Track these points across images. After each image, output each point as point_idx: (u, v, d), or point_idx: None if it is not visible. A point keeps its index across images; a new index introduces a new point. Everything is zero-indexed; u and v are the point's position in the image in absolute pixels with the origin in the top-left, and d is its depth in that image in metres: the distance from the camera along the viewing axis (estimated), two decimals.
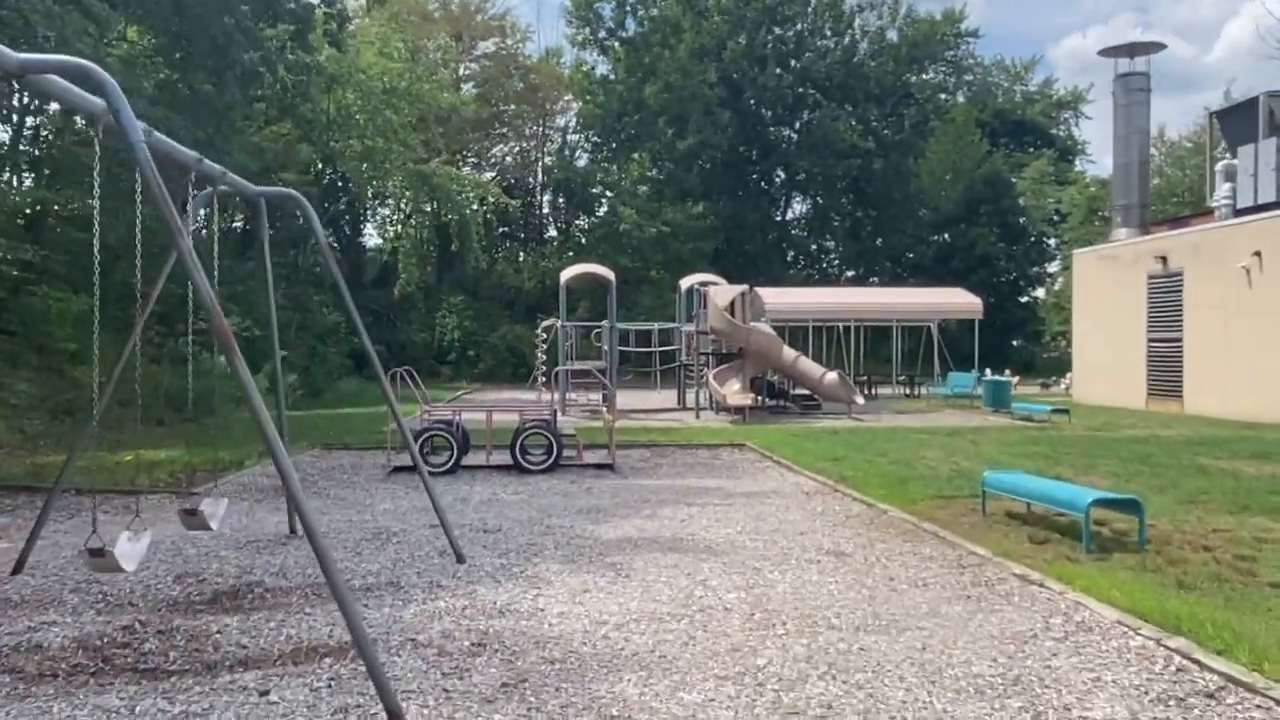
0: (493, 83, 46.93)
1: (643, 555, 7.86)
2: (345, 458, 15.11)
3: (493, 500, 10.85)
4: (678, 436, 17.60)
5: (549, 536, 8.65)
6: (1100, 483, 11.76)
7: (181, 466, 13.39)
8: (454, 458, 13.23)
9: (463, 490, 11.62)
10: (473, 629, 5.74)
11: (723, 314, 21.88)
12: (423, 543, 8.31)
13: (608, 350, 24.04)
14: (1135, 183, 28.58)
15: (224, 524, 8.21)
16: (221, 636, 5.61)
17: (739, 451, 15.87)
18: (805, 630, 5.78)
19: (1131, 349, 26.04)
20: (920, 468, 13.06)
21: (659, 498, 10.99)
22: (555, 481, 12.43)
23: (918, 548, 8.14)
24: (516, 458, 13.31)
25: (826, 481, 11.95)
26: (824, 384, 23.49)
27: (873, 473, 12.48)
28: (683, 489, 11.69)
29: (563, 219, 50.91)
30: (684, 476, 12.93)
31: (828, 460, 13.86)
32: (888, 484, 11.47)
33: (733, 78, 47.33)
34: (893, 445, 15.88)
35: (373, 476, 12.92)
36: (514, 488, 11.88)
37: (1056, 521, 9.00)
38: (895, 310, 31.58)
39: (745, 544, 8.35)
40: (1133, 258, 26.41)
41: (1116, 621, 5.83)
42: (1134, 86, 28.54)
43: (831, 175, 48.46)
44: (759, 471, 13.44)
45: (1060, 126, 61.70)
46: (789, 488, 11.80)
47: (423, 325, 41.69)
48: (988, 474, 9.58)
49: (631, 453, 15.55)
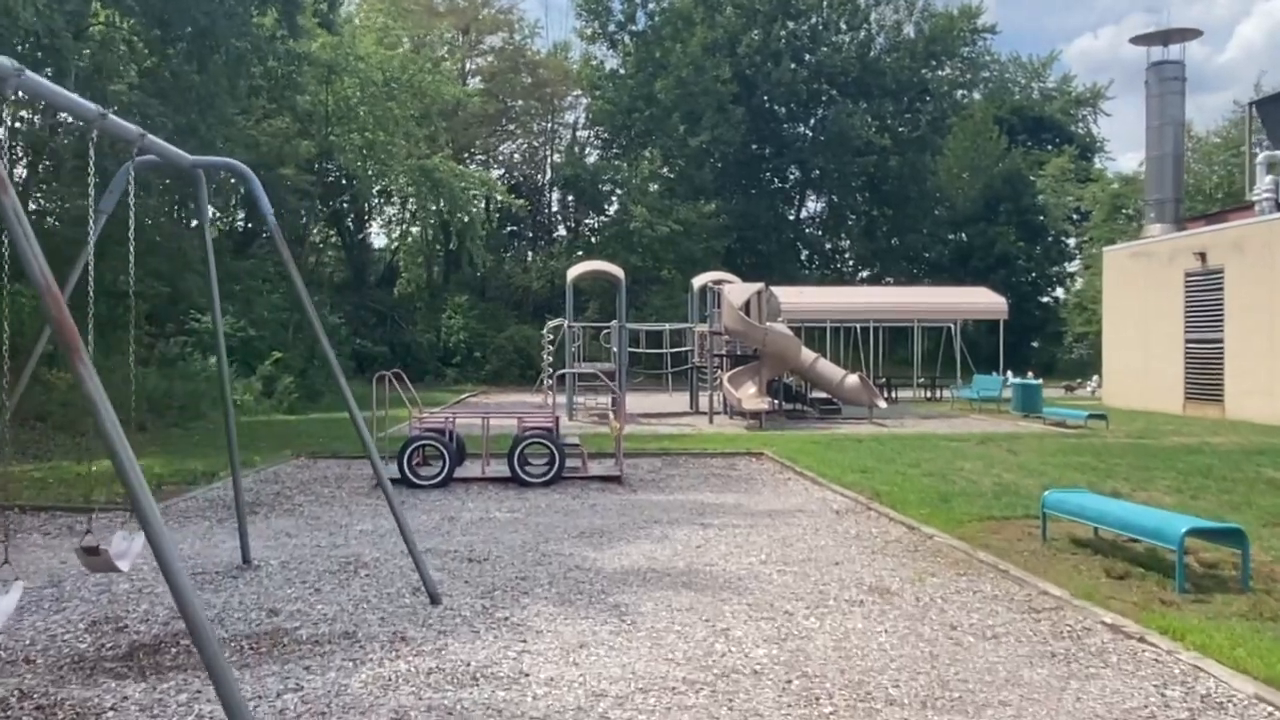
0: (500, 78, 45.81)
1: (652, 593, 6.66)
2: (331, 468, 13.95)
3: (484, 520, 9.65)
4: (690, 444, 16.40)
5: (543, 567, 7.45)
6: (1163, 499, 10.52)
7: (149, 478, 12.23)
8: (446, 469, 12.05)
9: (453, 507, 10.44)
10: (437, 706, 4.54)
11: (738, 313, 20.66)
12: (395, 576, 7.12)
13: (617, 352, 22.82)
14: (1169, 177, 27.25)
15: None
16: (114, 718, 4.42)
17: (757, 461, 14.66)
18: (857, 707, 4.56)
19: (1167, 350, 24.71)
20: (959, 481, 11.81)
21: (671, 516, 9.79)
22: (556, 496, 11.23)
23: (976, 584, 6.91)
24: (515, 469, 12.11)
25: (858, 498, 10.72)
26: (844, 387, 22.25)
27: (908, 487, 11.24)
28: (697, 506, 10.48)
29: (572, 217, 49.75)
30: (698, 490, 11.72)
31: (855, 472, 12.63)
32: (927, 501, 10.23)
33: (746, 73, 46.05)
34: (924, 455, 14.63)
35: (357, 490, 11.75)
36: (510, 504, 10.69)
37: (1130, 549, 7.77)
38: (916, 310, 30.27)
39: (772, 578, 7.14)
40: (1169, 255, 25.08)
41: (1255, 697, 4.60)
42: (1167, 75, 27.20)
43: (847, 173, 47.15)
44: (781, 484, 12.22)
45: (1079, 124, 60.28)
46: (816, 504, 10.58)
47: (427, 326, 40.54)
48: (1049, 493, 8.33)
49: (641, 462, 14.35)
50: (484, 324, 40.65)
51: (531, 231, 49.92)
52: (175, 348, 25.08)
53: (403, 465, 11.91)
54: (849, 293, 37.07)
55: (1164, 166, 27.33)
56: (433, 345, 39.84)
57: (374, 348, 38.53)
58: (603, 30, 48.69)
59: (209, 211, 6.68)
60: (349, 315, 38.88)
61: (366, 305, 41.04)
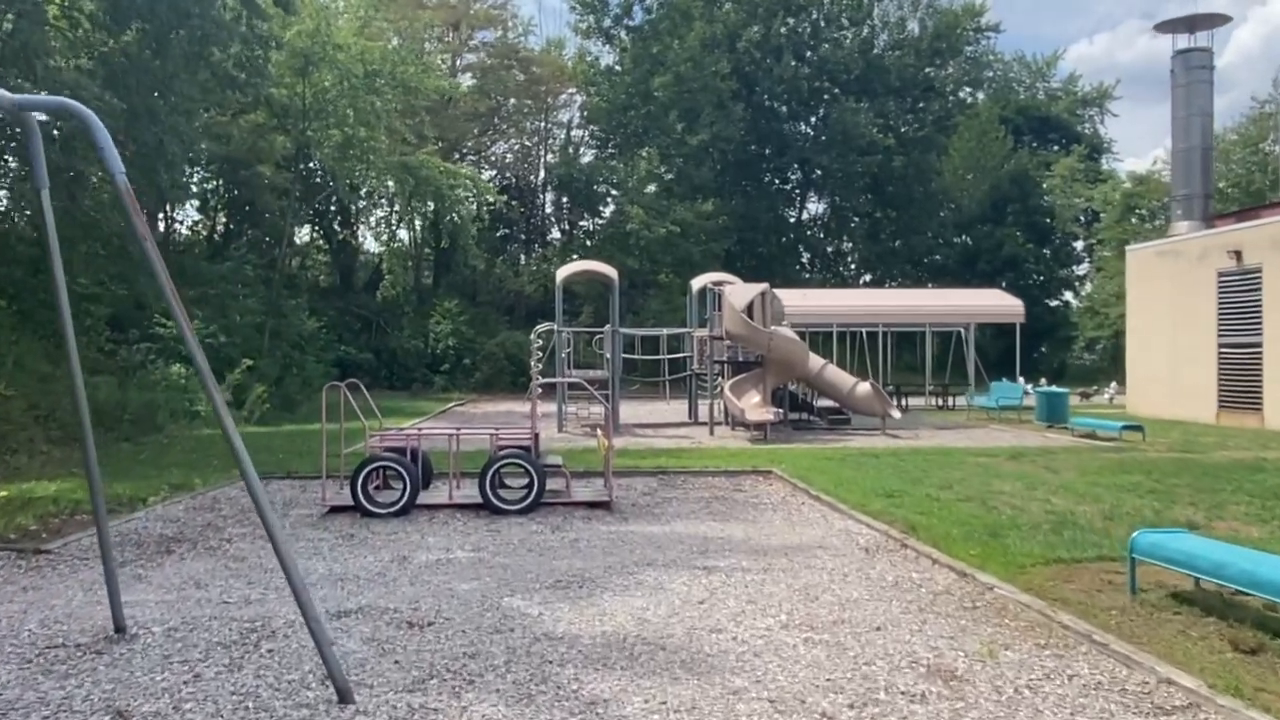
0: (491, 75, 44.22)
1: (641, 682, 5.01)
2: (284, 490, 12.30)
3: (441, 562, 8.00)
4: (690, 460, 14.75)
5: (501, 636, 5.80)
6: (1249, 531, 8.90)
7: (66, 505, 10.59)
8: (407, 495, 10.39)
9: (408, 542, 8.78)
10: None
11: (740, 316, 19.01)
12: (305, 654, 5.45)
13: (610, 358, 21.18)
14: (1198, 171, 25.65)
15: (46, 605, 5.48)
16: None
17: (765, 481, 13.02)
18: None
19: (1198, 355, 23.09)
20: (1003, 508, 10.16)
21: (667, 556, 8.14)
22: (533, 528, 9.58)
23: (1068, 662, 5.27)
24: (487, 495, 10.46)
25: (889, 530, 9.06)
26: (855, 396, 20.62)
27: (946, 517, 9.59)
28: (699, 540, 8.84)
29: (566, 219, 48.10)
30: (700, 519, 10.08)
31: (880, 496, 10.98)
32: (974, 536, 8.58)
33: (746, 69, 44.47)
34: (952, 473, 12.98)
35: (303, 520, 10.11)
36: (477, 538, 9.04)
37: (1244, 604, 6.14)
38: (927, 314, 28.65)
39: (798, 653, 5.49)
40: (1199, 253, 23.46)
41: None
42: (1194, 64, 25.61)
43: (850, 173, 45.48)
44: (794, 511, 10.57)
45: (1085, 124, 58.73)
46: (839, 539, 8.93)
47: (415, 332, 38.82)
48: (1141, 535, 6.67)
49: (634, 483, 12.71)
50: (474, 329, 38.93)
51: (525, 234, 48.25)
52: (139, 354, 23.38)
53: (356, 490, 10.27)
54: (856, 295, 35.51)
55: (1191, 160, 25.71)
56: (420, 352, 38.13)
57: (358, 354, 36.86)
58: (598, 25, 47.07)
59: (44, 170, 4.99)
60: (332, 320, 37.25)
61: (351, 310, 39.37)
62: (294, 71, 27.31)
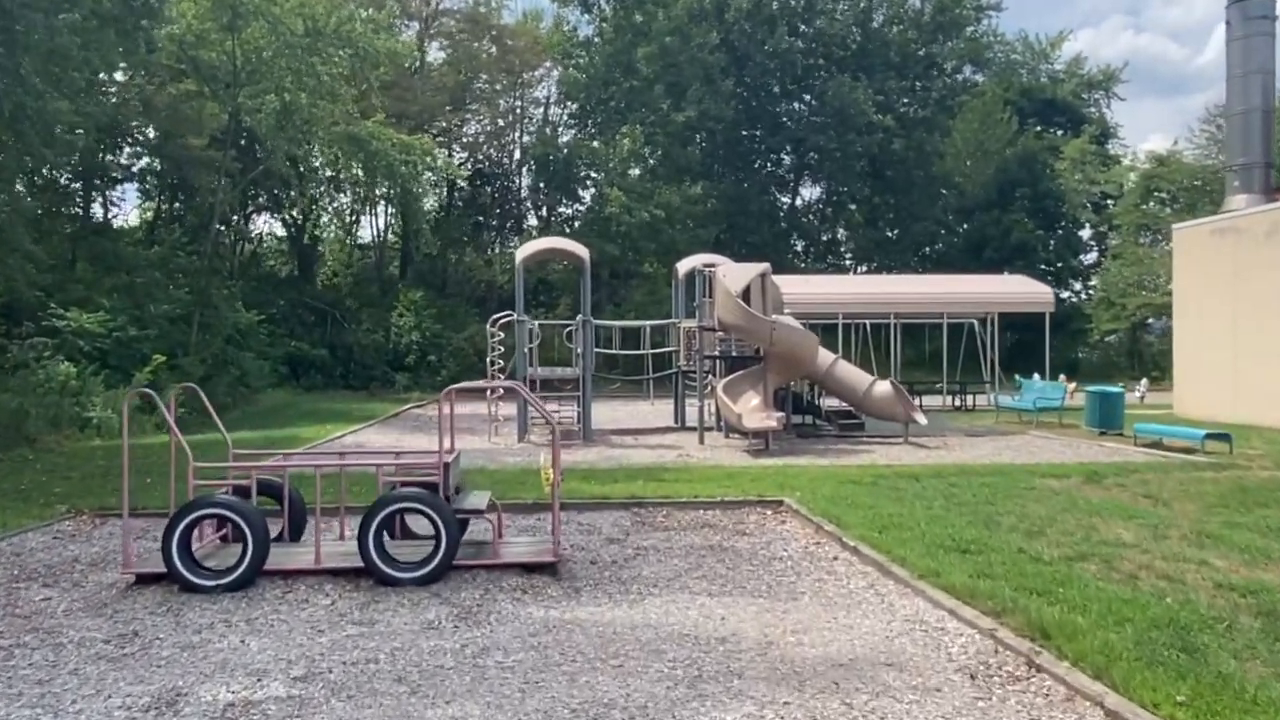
0: (462, 47, 40.66)
1: None
2: (104, 538, 8.87)
3: (240, 705, 4.58)
4: (676, 483, 11.33)
5: None
6: None
7: None
8: (248, 559, 6.91)
9: (209, 655, 5.35)
10: None
11: (737, 302, 15.60)
12: None
13: (581, 353, 17.74)
14: (1258, 136, 22.35)
15: None
16: None
17: (776, 516, 9.64)
18: None
19: (1264, 348, 19.83)
20: (1144, 576, 6.78)
21: (630, 691, 4.75)
22: (431, 614, 6.17)
23: None
24: (371, 558, 7.01)
25: (995, 631, 5.64)
26: (873, 397, 17.20)
27: (1077, 594, 6.16)
28: (687, 645, 5.44)
29: (543, 204, 44.57)
30: (688, 589, 6.69)
31: (951, 550, 7.56)
32: (1149, 644, 5.19)
33: (735, 42, 41.03)
34: (1032, 507, 9.59)
35: (92, 596, 6.69)
36: (326, 642, 5.62)
37: None
38: (945, 302, 25.32)
39: None
40: (1266, 230, 20.18)
41: None
42: (1254, 14, 22.30)
43: (847, 154, 42.05)
44: (826, 574, 7.19)
45: (1091, 108, 55.51)
46: (914, 642, 5.55)
47: (375, 325, 35.29)
48: None
49: (599, 521, 9.32)
50: (441, 323, 35.40)
51: (498, 220, 44.71)
52: (30, 351, 19.80)
53: (170, 552, 6.81)
54: (864, 282, 32.21)
55: (1251, 124, 22.39)
56: (380, 347, 34.61)
57: (311, 350, 33.36)
58: None
59: None
60: (283, 313, 33.69)
61: (305, 302, 35.80)
62: (221, 26, 23.78)
